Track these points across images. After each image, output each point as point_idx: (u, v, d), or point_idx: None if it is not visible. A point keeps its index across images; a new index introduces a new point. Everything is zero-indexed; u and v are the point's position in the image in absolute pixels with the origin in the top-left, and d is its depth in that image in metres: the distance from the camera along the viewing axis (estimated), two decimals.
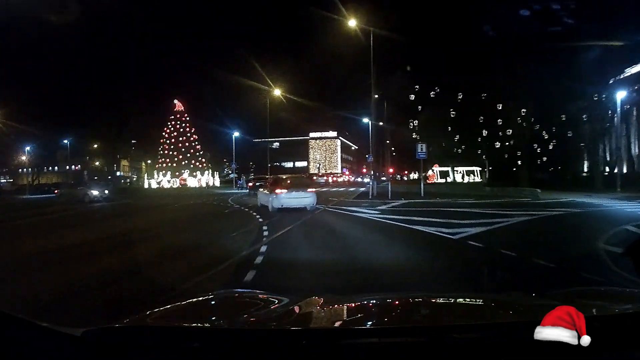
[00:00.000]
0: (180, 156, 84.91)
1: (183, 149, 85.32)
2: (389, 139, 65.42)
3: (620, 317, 1.66)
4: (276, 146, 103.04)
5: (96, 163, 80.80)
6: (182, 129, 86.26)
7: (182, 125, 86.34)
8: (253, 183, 33.03)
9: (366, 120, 40.50)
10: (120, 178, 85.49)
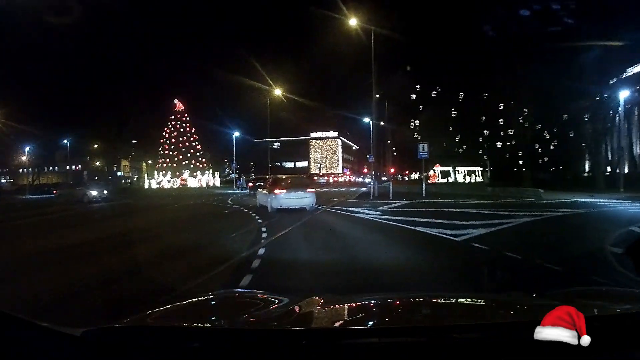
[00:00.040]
0: (180, 156, 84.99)
1: (183, 149, 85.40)
2: (390, 139, 65.53)
3: (620, 317, 1.66)
4: (277, 146, 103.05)
5: (96, 163, 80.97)
6: (182, 129, 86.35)
7: (182, 125, 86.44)
8: (253, 183, 32.95)
9: (367, 120, 40.62)
10: (120, 178, 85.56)
